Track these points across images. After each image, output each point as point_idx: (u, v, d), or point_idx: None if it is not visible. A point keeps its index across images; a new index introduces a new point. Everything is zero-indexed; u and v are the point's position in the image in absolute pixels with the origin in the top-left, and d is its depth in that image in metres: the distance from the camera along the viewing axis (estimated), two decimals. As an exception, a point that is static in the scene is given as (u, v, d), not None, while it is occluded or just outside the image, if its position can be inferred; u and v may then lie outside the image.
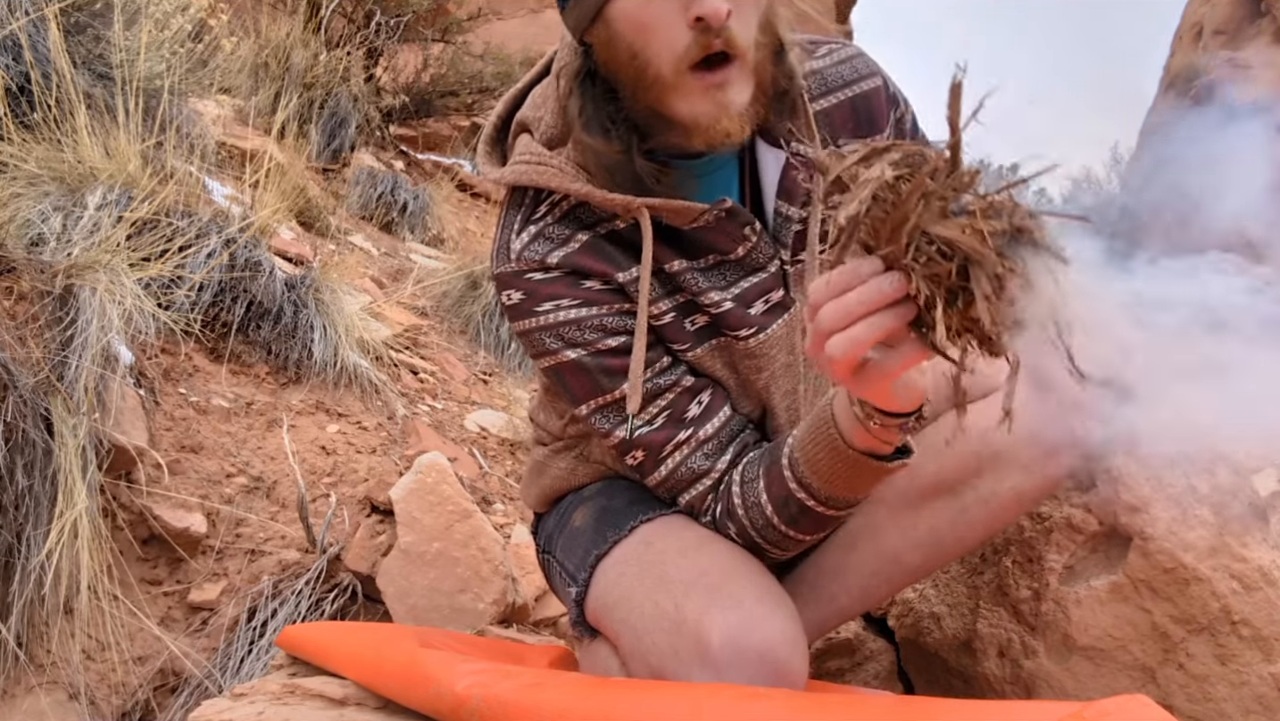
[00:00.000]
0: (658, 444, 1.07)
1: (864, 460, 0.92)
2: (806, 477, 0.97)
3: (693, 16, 0.90)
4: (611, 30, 0.95)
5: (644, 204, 1.00)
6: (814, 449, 0.96)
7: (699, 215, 1.03)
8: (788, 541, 1.04)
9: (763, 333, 1.08)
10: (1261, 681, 1.04)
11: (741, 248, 1.06)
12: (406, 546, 1.87)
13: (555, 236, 1.05)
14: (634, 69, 0.95)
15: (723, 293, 1.07)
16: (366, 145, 5.36)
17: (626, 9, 0.93)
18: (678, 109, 0.96)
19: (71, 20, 2.64)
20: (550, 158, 1.04)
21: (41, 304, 1.89)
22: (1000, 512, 1.08)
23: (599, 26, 0.97)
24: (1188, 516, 1.08)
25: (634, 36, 0.94)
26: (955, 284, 0.66)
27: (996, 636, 1.23)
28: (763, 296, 1.08)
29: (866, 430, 0.89)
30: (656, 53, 0.93)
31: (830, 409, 0.93)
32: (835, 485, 0.96)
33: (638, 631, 0.98)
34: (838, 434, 0.92)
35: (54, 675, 1.66)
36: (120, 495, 1.87)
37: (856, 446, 0.92)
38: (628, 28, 0.94)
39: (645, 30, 0.93)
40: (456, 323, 3.80)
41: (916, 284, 0.67)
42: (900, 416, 0.87)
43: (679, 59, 0.92)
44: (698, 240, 1.06)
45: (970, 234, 0.64)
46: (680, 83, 0.93)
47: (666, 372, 1.08)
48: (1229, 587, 1.06)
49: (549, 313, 1.05)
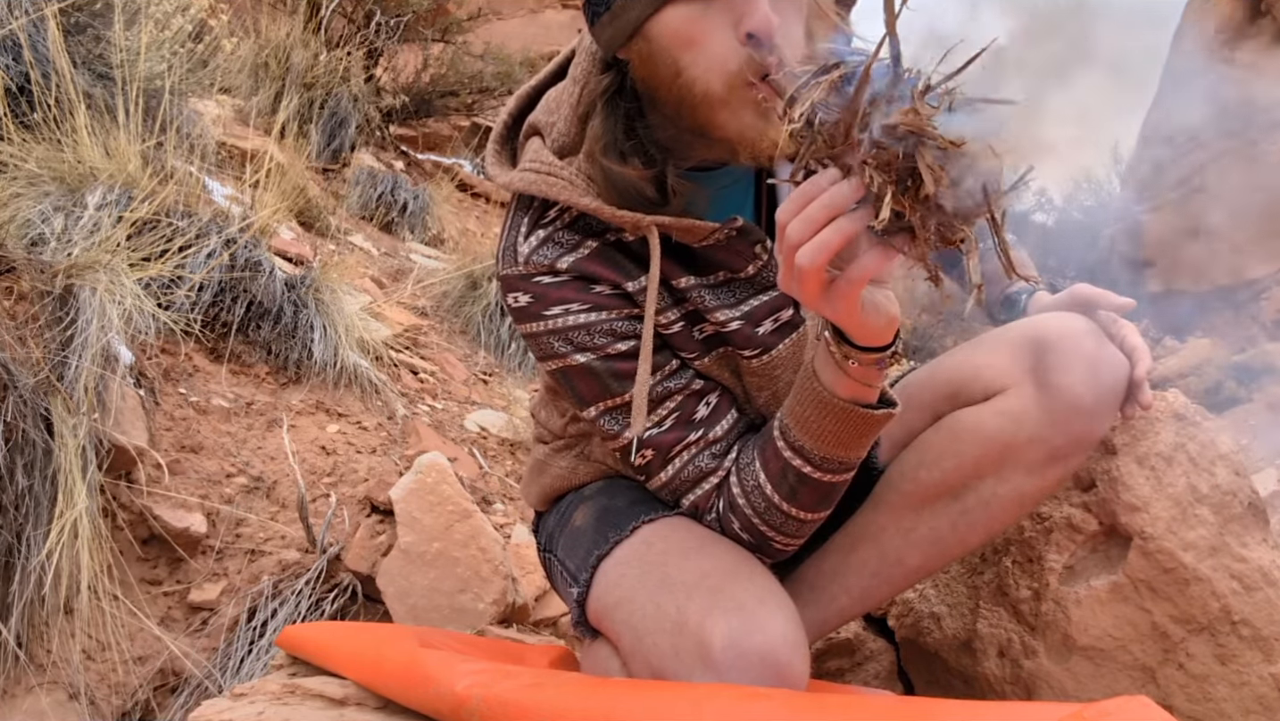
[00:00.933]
0: (667, 445, 1.07)
1: (851, 410, 0.94)
2: (799, 440, 0.98)
3: (744, 32, 0.89)
4: (654, 46, 0.94)
5: (654, 222, 0.99)
6: (801, 408, 0.97)
7: (709, 234, 1.02)
8: (790, 522, 1.04)
9: (768, 354, 1.09)
10: (1261, 681, 1.04)
11: (752, 266, 1.06)
12: (406, 546, 1.87)
13: (564, 242, 1.05)
14: (678, 86, 0.94)
15: (731, 311, 1.07)
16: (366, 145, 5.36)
17: (672, 24, 0.92)
18: (726, 125, 0.94)
19: (71, 20, 2.64)
20: (560, 168, 1.02)
21: (41, 304, 1.89)
22: (1001, 514, 1.08)
23: (639, 42, 0.95)
24: (1188, 516, 1.08)
25: (680, 53, 0.92)
26: (903, 167, 0.70)
27: (996, 636, 1.24)
28: (772, 315, 1.08)
29: (847, 374, 0.91)
30: (706, 70, 0.92)
31: (812, 365, 0.95)
32: (827, 442, 0.97)
33: (639, 632, 0.98)
34: (821, 386, 0.94)
35: (54, 675, 1.66)
36: (120, 495, 1.87)
37: (841, 396, 0.93)
38: (673, 43, 0.92)
39: (693, 46, 0.91)
40: (456, 323, 3.81)
41: (869, 177, 0.71)
42: (875, 351, 0.89)
43: (732, 76, 0.91)
44: (708, 257, 1.05)
45: (911, 117, 0.69)
46: (732, 99, 0.92)
47: (675, 376, 1.08)
48: (1229, 587, 1.06)
49: (558, 317, 1.05)
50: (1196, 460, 1.11)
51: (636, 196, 0.99)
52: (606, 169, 0.99)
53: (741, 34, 0.89)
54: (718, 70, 0.91)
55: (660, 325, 1.07)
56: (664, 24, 0.92)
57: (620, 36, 0.96)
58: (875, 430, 0.97)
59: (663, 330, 1.07)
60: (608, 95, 1.00)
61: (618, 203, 1.00)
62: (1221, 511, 1.08)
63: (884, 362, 0.91)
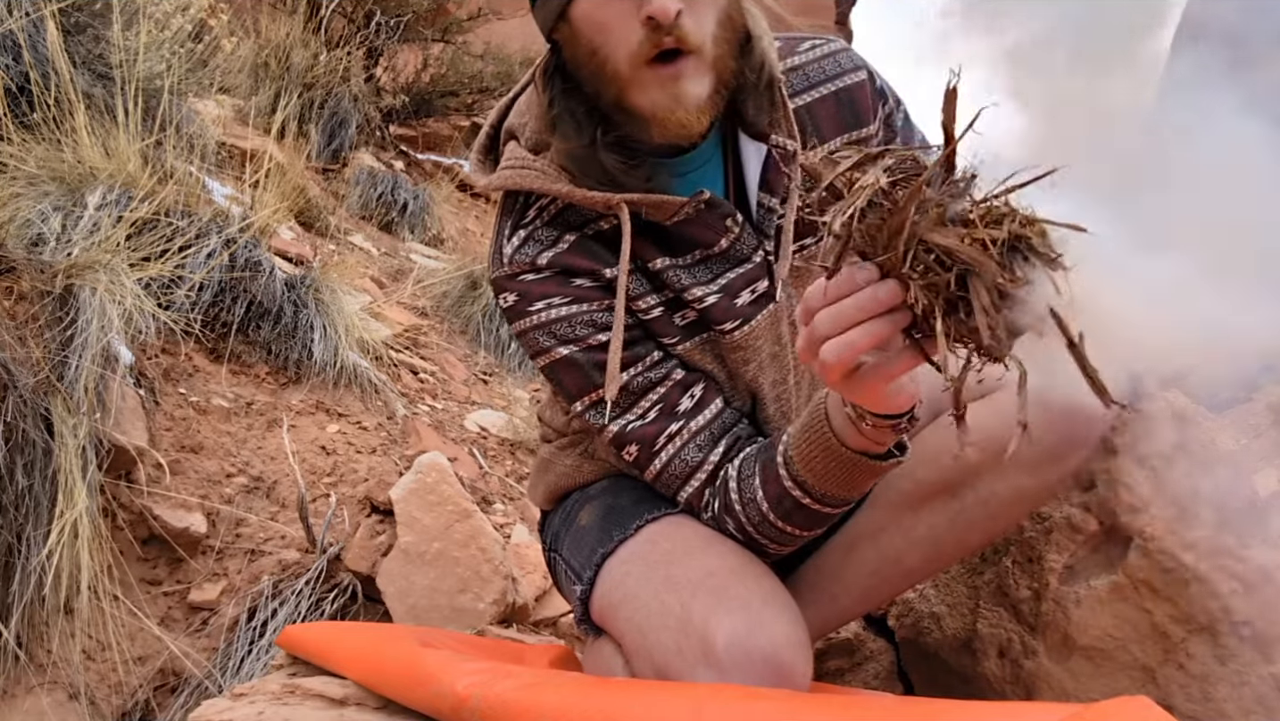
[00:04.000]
0: (650, 436, 1.08)
1: (858, 459, 0.93)
2: (801, 476, 0.98)
3: (644, 16, 0.93)
4: (574, 29, 1.00)
5: (623, 199, 1.03)
6: (808, 448, 0.96)
7: (679, 208, 1.04)
8: (785, 536, 1.04)
9: (747, 325, 1.10)
10: (1261, 681, 1.04)
11: (724, 239, 1.08)
12: (406, 546, 1.87)
13: (544, 238, 1.09)
14: (594, 65, 1.00)
15: (706, 287, 1.08)
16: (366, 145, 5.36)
17: (585, 9, 0.98)
18: (637, 101, 0.99)
19: (71, 20, 2.64)
20: (534, 161, 1.07)
21: (41, 304, 1.89)
22: (1001, 514, 1.08)
23: (563, 25, 1.01)
24: (1188, 516, 1.08)
25: (593, 34, 0.98)
26: (953, 294, 0.65)
27: (996, 636, 1.24)
28: (749, 286, 1.10)
29: (859, 431, 0.90)
30: (614, 49, 0.97)
31: (824, 408, 0.94)
32: (830, 483, 0.97)
33: (643, 630, 0.98)
34: (831, 433, 0.93)
35: (54, 675, 1.66)
36: (120, 495, 1.87)
37: (850, 446, 0.92)
38: (587, 26, 0.98)
39: (603, 29, 0.97)
40: (456, 323, 3.81)
41: (914, 292, 0.66)
42: (893, 418, 0.88)
43: (634, 55, 0.96)
44: (681, 236, 1.07)
45: (969, 243, 0.63)
46: (636, 77, 0.97)
47: (657, 367, 1.09)
48: (1229, 587, 1.06)
49: (541, 311, 1.08)
50: (1197, 460, 1.11)
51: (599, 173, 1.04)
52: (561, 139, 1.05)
53: (642, 17, 0.93)
54: (623, 50, 0.96)
55: (640, 310, 1.08)
56: (580, 9, 0.98)
57: (549, 19, 1.02)
58: (881, 475, 0.97)
59: (643, 315, 1.09)
60: (549, 74, 1.07)
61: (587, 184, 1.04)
62: (1221, 511, 1.08)
63: (900, 428, 0.89)
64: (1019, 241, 0.63)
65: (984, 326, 0.63)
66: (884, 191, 0.66)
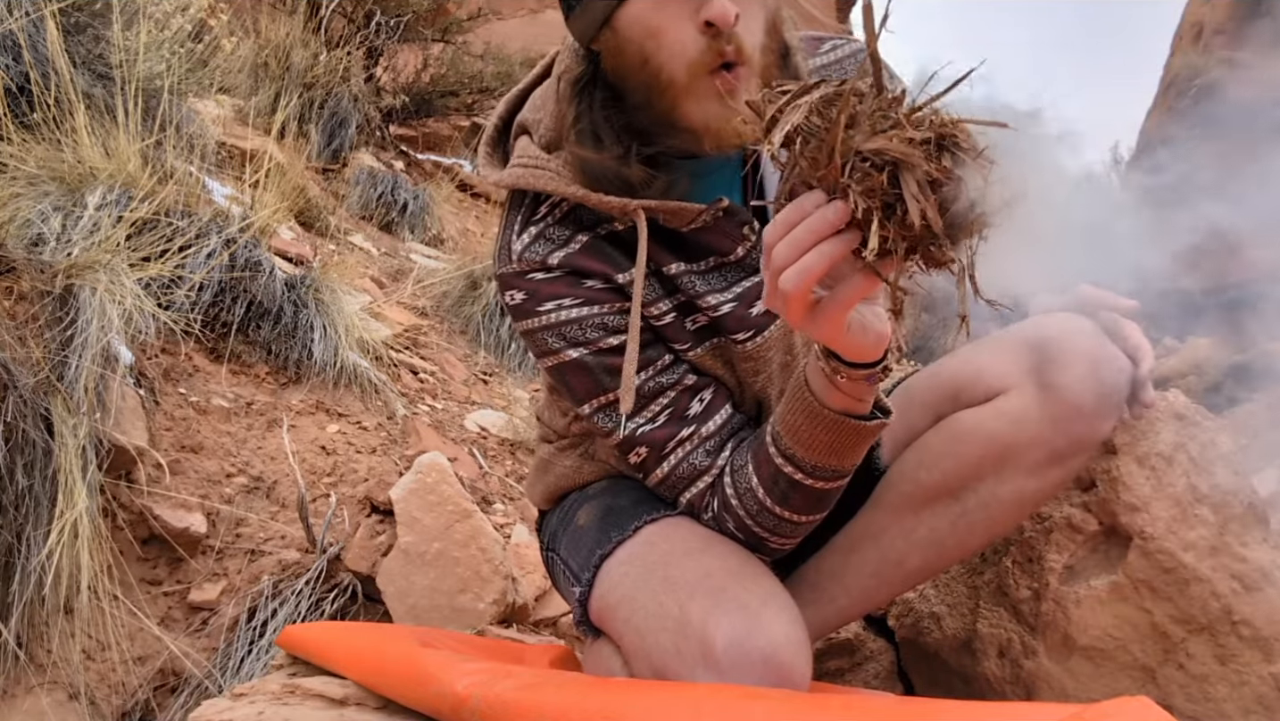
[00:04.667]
0: (660, 441, 1.07)
1: (842, 421, 0.93)
2: (790, 449, 0.98)
3: (702, 21, 0.91)
4: (621, 37, 0.97)
5: (640, 205, 1.01)
6: (792, 416, 0.96)
7: (696, 216, 1.03)
8: (784, 525, 1.04)
9: (760, 335, 1.09)
10: (1261, 681, 1.04)
11: (741, 248, 1.07)
12: (406, 546, 1.87)
13: (556, 237, 1.07)
14: (645, 74, 0.97)
15: (721, 295, 1.08)
16: (366, 145, 5.35)
17: (636, 15, 0.95)
18: (690, 113, 0.97)
19: (71, 20, 2.64)
20: (548, 161, 1.05)
21: (41, 304, 1.89)
22: (1001, 515, 1.08)
23: (607, 33, 0.98)
24: (1188, 516, 1.08)
25: (644, 42, 0.95)
26: (889, 193, 0.69)
27: (996, 636, 1.23)
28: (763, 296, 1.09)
29: (837, 387, 0.90)
30: (669, 58, 0.95)
31: (803, 374, 0.95)
32: (818, 452, 0.97)
33: (642, 631, 0.98)
34: (812, 396, 0.93)
35: (54, 675, 1.66)
36: (120, 495, 1.87)
37: (832, 406, 0.93)
38: (638, 33, 0.95)
39: (656, 35, 0.94)
40: (456, 323, 3.81)
41: (854, 201, 0.70)
42: (865, 367, 0.88)
43: (694, 64, 0.94)
44: (697, 242, 1.06)
45: (897, 142, 0.68)
46: (694, 87, 0.95)
47: (668, 371, 1.08)
48: (1229, 587, 1.06)
49: (551, 312, 1.06)
50: (1197, 460, 1.11)
51: (614, 181, 1.01)
52: (580, 156, 1.02)
53: (700, 22, 0.92)
54: (679, 58, 0.94)
55: (652, 316, 1.07)
56: (629, 15, 0.96)
57: (591, 28, 0.99)
58: (868, 440, 0.97)
59: (655, 321, 1.08)
60: (582, 84, 1.04)
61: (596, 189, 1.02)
62: (1221, 511, 1.08)
63: (874, 378, 0.90)
64: (944, 140, 0.68)
65: (915, 214, 0.67)
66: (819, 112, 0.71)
